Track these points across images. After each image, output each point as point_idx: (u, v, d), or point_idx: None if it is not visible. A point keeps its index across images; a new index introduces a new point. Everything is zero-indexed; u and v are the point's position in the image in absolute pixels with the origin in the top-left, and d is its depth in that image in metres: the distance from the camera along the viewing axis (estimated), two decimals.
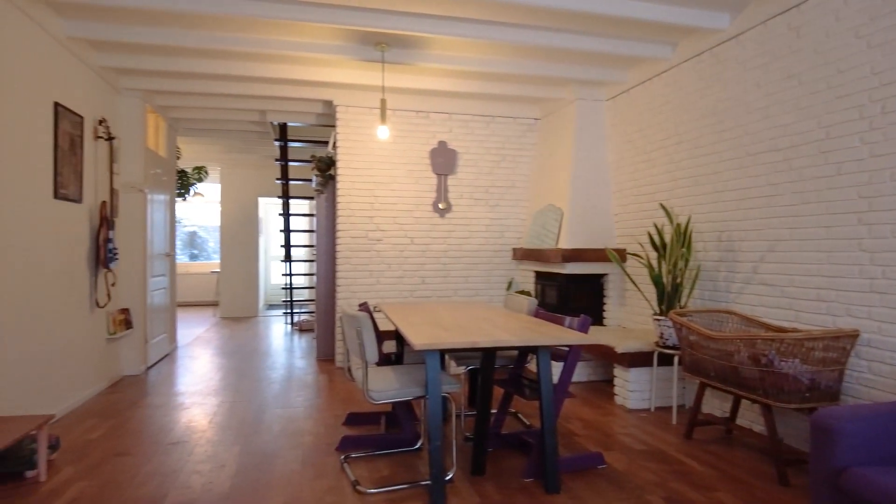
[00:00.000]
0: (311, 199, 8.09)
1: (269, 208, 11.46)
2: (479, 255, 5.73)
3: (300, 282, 10.03)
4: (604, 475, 2.90)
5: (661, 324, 3.88)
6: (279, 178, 7.70)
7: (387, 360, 3.64)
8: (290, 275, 8.18)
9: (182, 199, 7.52)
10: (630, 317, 4.91)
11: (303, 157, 7.94)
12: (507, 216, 5.81)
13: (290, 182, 7.82)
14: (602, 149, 5.23)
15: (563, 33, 4.09)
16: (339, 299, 5.42)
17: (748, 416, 3.61)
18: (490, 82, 5.15)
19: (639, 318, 4.78)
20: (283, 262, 8.19)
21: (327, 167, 5.81)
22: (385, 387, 2.67)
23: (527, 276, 5.72)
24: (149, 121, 5.90)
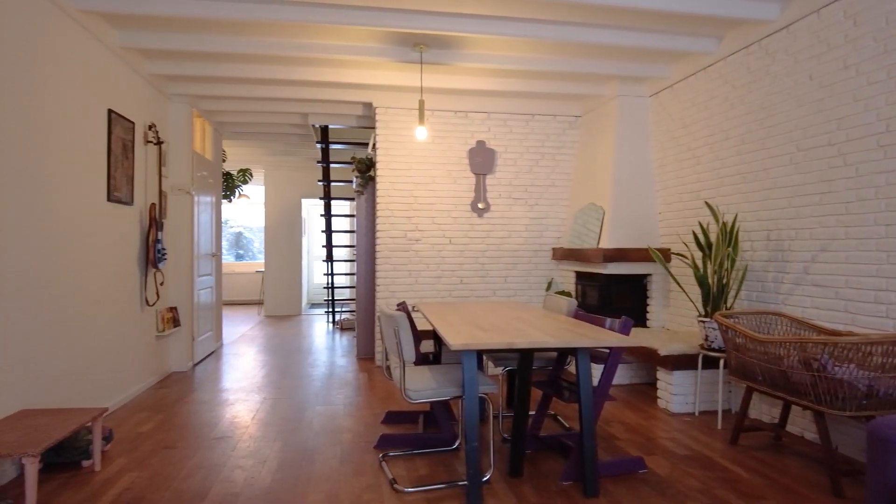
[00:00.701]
0: (351, 199, 8.20)
1: (311, 209, 11.68)
2: (518, 255, 5.68)
3: (341, 281, 10.17)
4: (645, 480, 2.83)
5: (706, 326, 3.76)
6: (321, 180, 7.83)
7: (424, 360, 3.65)
8: (332, 274, 8.31)
9: (228, 200, 7.74)
10: (674, 318, 4.78)
11: (344, 158, 8.05)
12: (547, 215, 5.74)
13: (332, 183, 7.94)
14: (645, 146, 5.11)
15: (605, 29, 4.01)
16: (379, 299, 5.47)
17: (799, 423, 3.46)
18: (529, 80, 5.10)
19: (683, 320, 4.65)
20: (324, 261, 8.33)
21: (367, 168, 5.88)
22: (422, 386, 2.68)
23: (567, 276, 5.64)
24: (195, 125, 6.10)
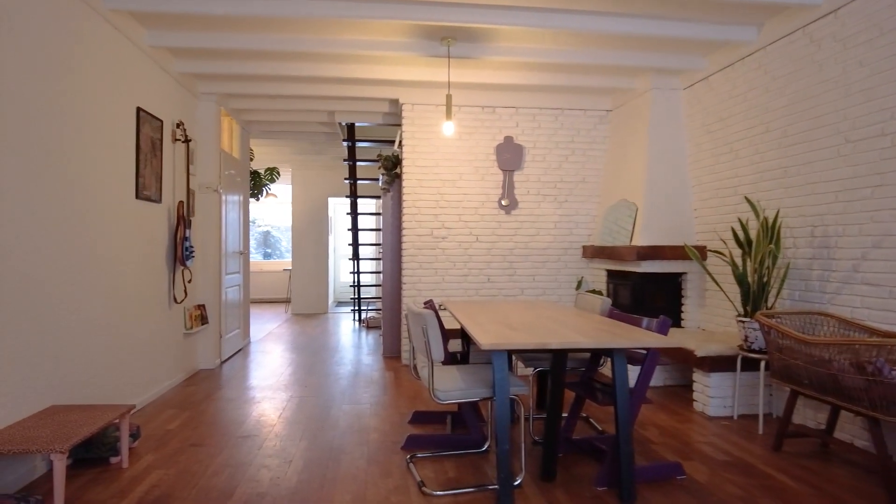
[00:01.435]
0: (377, 197, 8.18)
1: (337, 208, 11.72)
2: (547, 253, 5.57)
3: (367, 280, 10.17)
4: (683, 486, 2.70)
5: (745, 326, 3.60)
6: (347, 178, 7.82)
7: (452, 360, 3.57)
8: (358, 273, 8.30)
9: (255, 199, 7.79)
10: (710, 318, 4.61)
11: (370, 156, 8.03)
12: (577, 212, 5.61)
13: (358, 181, 7.93)
14: (679, 140, 4.94)
15: (638, 18, 3.88)
16: (405, 297, 5.42)
17: (849, 430, 3.28)
18: (559, 73, 4.97)
19: (720, 320, 4.48)
20: (350, 260, 8.32)
21: (393, 165, 5.83)
22: (451, 387, 2.60)
23: (597, 274, 5.51)
24: (223, 124, 6.13)
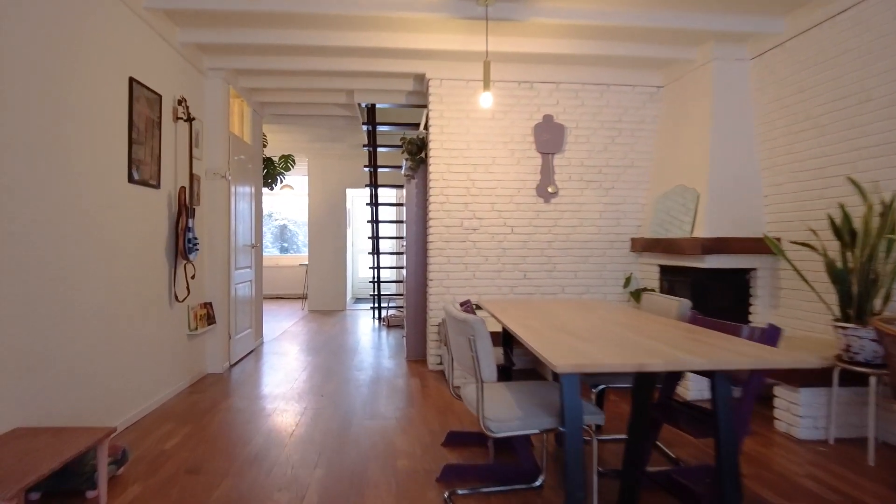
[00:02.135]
0: (399, 187, 7.63)
1: (356, 200, 11.22)
2: (591, 247, 4.97)
3: (387, 275, 9.66)
4: None
5: (847, 333, 2.99)
6: (367, 166, 7.29)
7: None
8: (378, 268, 7.77)
9: (269, 188, 7.29)
10: (786, 322, 3.98)
11: (392, 142, 7.50)
12: (624, 200, 5.00)
13: (379, 169, 7.39)
14: (746, 118, 4.31)
15: None
16: (431, 295, 4.87)
17: None
18: (607, 41, 4.37)
19: (800, 324, 3.85)
20: (370, 254, 7.80)
21: (418, 150, 5.28)
22: (506, 415, 2.04)
23: (648, 270, 4.90)
24: (233, 106, 5.63)
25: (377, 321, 8.05)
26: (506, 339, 3.33)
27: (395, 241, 9.74)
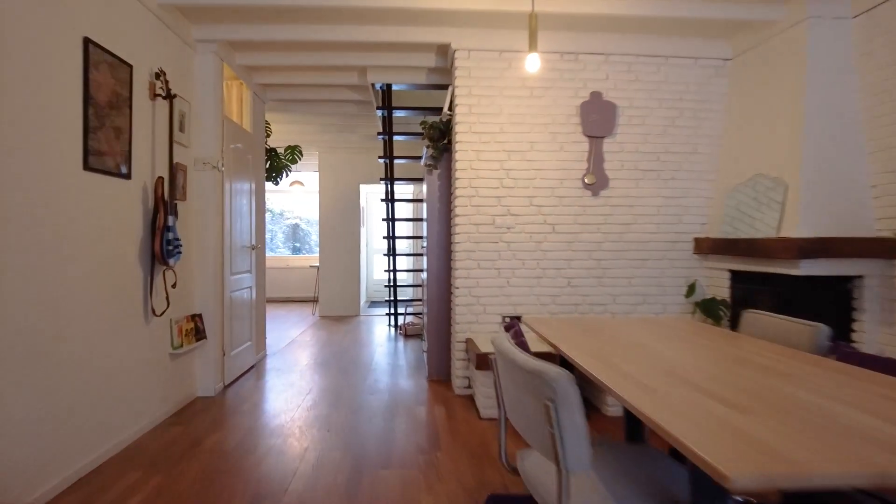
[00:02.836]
0: (419, 180, 6.90)
1: (370, 196, 10.52)
2: (648, 249, 4.20)
3: (405, 278, 8.94)
4: None
5: None
6: (382, 157, 6.56)
7: None
8: (394, 270, 7.05)
9: (274, 183, 6.60)
10: None
11: (410, 129, 6.77)
12: (687, 193, 4.22)
13: (395, 161, 6.66)
14: (848, 91, 3.50)
15: None
16: (458, 306, 4.13)
17: None
18: (667, 1, 3.60)
19: None
20: (385, 255, 7.08)
21: (441, 135, 4.54)
22: None
23: (716, 276, 4.11)
24: (231, 89, 4.94)
25: (393, 328, 7.34)
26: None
27: (413, 240, 9.02)
